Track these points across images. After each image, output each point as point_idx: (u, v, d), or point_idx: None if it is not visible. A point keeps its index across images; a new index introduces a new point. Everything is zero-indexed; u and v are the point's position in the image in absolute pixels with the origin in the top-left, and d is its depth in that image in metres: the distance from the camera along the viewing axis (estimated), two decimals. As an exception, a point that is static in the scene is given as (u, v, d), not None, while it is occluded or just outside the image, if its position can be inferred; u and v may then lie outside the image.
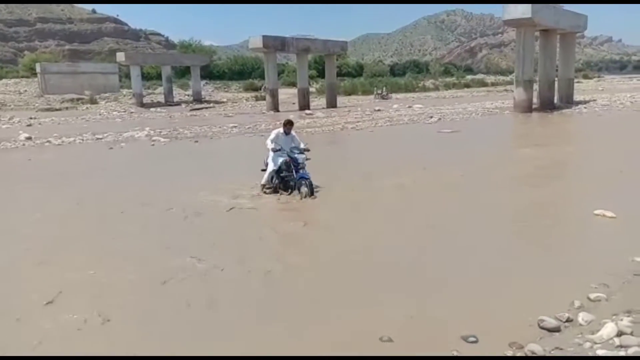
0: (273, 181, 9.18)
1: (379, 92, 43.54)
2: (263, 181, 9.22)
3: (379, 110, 30.01)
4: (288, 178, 9.07)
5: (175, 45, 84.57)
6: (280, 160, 9.05)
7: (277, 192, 9.12)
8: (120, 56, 41.93)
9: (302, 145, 9.22)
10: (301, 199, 8.65)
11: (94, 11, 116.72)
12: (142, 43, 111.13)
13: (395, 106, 32.57)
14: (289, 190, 9.00)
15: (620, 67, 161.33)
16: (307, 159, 8.99)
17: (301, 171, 8.84)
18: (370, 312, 4.36)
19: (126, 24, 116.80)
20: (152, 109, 36.04)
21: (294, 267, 5.57)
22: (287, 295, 4.88)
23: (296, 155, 8.91)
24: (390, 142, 17.35)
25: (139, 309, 4.59)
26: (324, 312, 4.45)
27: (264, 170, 9.36)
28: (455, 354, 3.64)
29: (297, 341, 3.95)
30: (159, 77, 49.77)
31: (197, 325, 4.24)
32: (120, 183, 10.74)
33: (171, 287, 5.02)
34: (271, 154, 9.15)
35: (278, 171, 9.11)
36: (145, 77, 53.49)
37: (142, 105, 38.87)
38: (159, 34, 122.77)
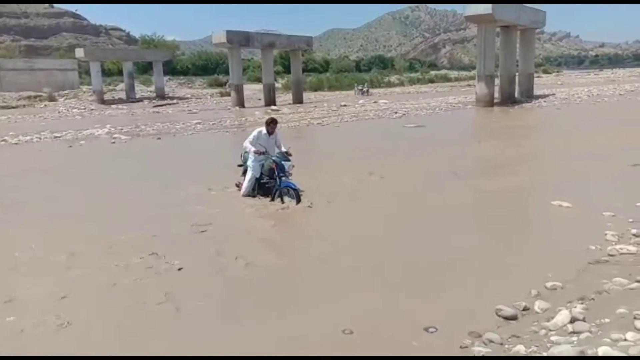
0: (254, 191, 8.31)
1: (360, 87, 43.68)
2: (243, 191, 8.31)
3: (344, 105, 30.11)
4: (269, 185, 8.19)
5: (136, 41, 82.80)
6: (265, 164, 8.17)
7: (255, 196, 8.28)
8: (80, 52, 40.74)
9: (283, 148, 8.31)
10: (284, 208, 7.73)
11: (51, 5, 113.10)
12: (102, 38, 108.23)
13: (360, 102, 32.73)
14: (270, 197, 8.08)
15: (578, 62, 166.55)
16: (292, 166, 8.12)
17: (284, 179, 7.93)
18: (331, 308, 4.36)
19: (85, 19, 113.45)
20: (113, 106, 35.22)
21: (261, 266, 5.52)
22: (250, 293, 4.84)
23: (282, 162, 7.99)
24: (355, 137, 17.42)
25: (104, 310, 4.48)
26: (285, 308, 4.43)
27: (241, 165, 8.65)
28: (414, 344, 3.67)
29: (256, 336, 3.92)
30: (120, 73, 48.74)
31: (159, 325, 4.16)
32: (74, 183, 10.46)
33: (128, 287, 4.91)
34: (252, 157, 8.23)
35: (259, 177, 8.29)
36: (106, 73, 52.30)
37: (103, 102, 37.93)
38: (119, 29, 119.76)
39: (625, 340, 3.09)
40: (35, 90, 39.38)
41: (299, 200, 7.79)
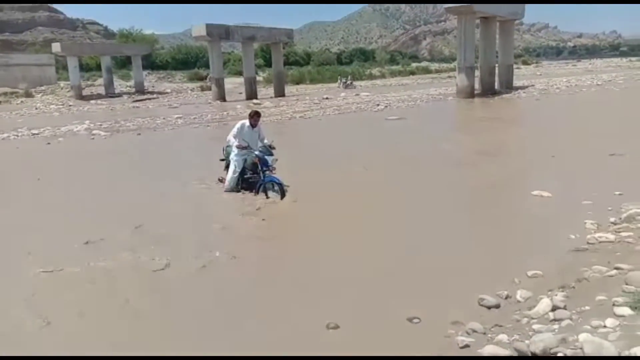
0: (238, 186, 8.20)
1: (344, 80, 43.64)
2: (226, 186, 8.20)
3: (327, 98, 30.07)
4: (253, 180, 8.10)
5: (114, 35, 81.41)
6: (248, 158, 8.09)
7: (239, 191, 8.20)
8: (56, 47, 39.93)
9: (266, 141, 8.22)
10: (271, 202, 7.65)
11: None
12: (79, 33, 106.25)
13: (342, 94, 32.71)
14: (254, 192, 7.99)
15: (557, 52, 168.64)
16: (276, 160, 8.02)
17: (268, 174, 7.88)
18: (315, 303, 4.37)
19: (62, 13, 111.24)
20: (92, 102, 34.64)
21: (245, 262, 5.50)
22: (235, 289, 4.82)
23: (265, 157, 7.89)
24: (337, 130, 17.42)
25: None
26: (270, 305, 4.43)
27: (224, 160, 8.53)
28: (400, 335, 3.70)
29: (243, 332, 3.91)
30: (98, 68, 47.87)
31: (140, 323, 4.13)
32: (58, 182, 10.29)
33: (109, 284, 4.86)
34: (234, 151, 8.09)
35: (242, 171, 8.19)
36: (84, 68, 51.38)
37: (82, 97, 37.28)
38: (97, 23, 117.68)
39: (605, 326, 3.14)
40: (11, 87, 38.50)
41: (283, 195, 7.71)
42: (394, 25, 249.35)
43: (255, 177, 8.06)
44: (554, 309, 3.67)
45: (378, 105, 24.44)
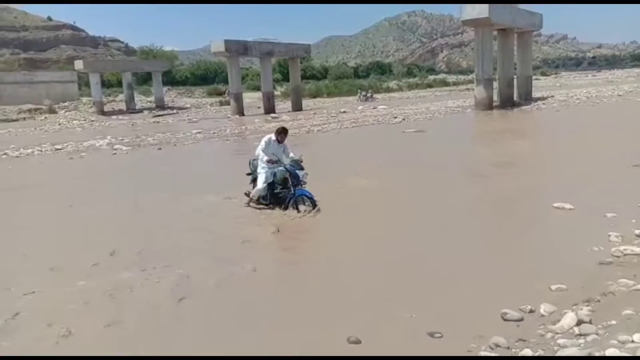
0: (266, 198, 8.04)
1: (364, 94, 43.86)
2: (253, 194, 8.09)
3: (344, 112, 30.17)
4: (282, 195, 7.90)
5: (135, 52, 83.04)
6: (277, 172, 7.85)
7: (268, 205, 8.01)
8: (79, 64, 40.93)
9: (292, 155, 8.05)
10: (301, 216, 7.49)
11: (49, 18, 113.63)
12: (101, 50, 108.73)
13: (360, 107, 32.78)
14: (284, 206, 7.79)
15: (576, 63, 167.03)
16: (306, 174, 7.89)
17: (299, 188, 7.73)
18: (337, 316, 4.35)
19: (84, 31, 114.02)
20: (113, 117, 35.32)
21: (269, 275, 5.52)
22: (257, 302, 4.83)
23: (296, 171, 7.73)
24: (356, 143, 17.44)
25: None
26: (292, 316, 4.42)
27: (250, 174, 8.40)
28: (422, 350, 3.66)
29: (260, 345, 3.91)
30: (119, 84, 48.82)
31: (166, 329, 4.15)
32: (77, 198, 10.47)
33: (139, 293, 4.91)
34: (262, 165, 7.98)
35: (271, 185, 7.94)
36: (106, 84, 52.45)
37: (103, 113, 38.03)
38: (118, 41, 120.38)
39: (633, 341, 3.08)
40: (35, 103, 39.42)
41: (315, 209, 7.59)
42: (410, 38, 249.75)
43: (284, 192, 7.87)
44: (579, 323, 3.61)
45: (395, 118, 24.43)
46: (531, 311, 4.11)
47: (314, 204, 7.61)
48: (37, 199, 10.25)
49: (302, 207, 7.66)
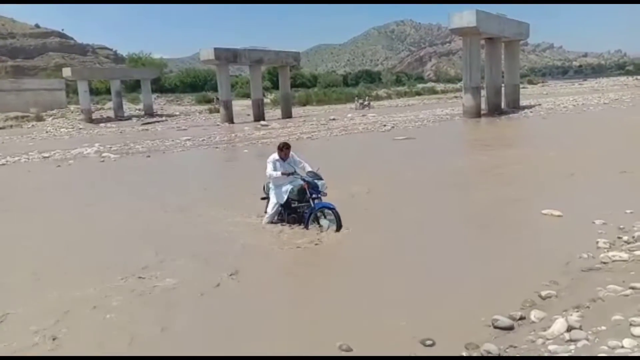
0: (281, 216, 7.37)
1: (361, 101, 44.05)
2: (266, 219, 7.42)
3: (333, 119, 30.24)
4: (301, 210, 7.16)
5: (124, 59, 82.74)
6: (293, 186, 7.21)
7: (286, 223, 7.29)
8: (67, 71, 40.66)
9: (308, 168, 7.36)
10: (322, 231, 6.83)
11: (37, 25, 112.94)
12: (89, 57, 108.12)
13: (349, 115, 32.89)
14: (302, 224, 7.07)
15: (563, 72, 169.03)
16: (326, 185, 7.19)
17: (318, 201, 7.06)
18: (327, 324, 4.34)
19: (72, 39, 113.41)
20: (101, 125, 35.09)
21: (255, 283, 5.49)
22: (248, 310, 4.80)
23: (315, 181, 7.05)
24: (345, 150, 17.47)
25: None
26: (282, 323, 4.40)
27: (264, 198, 7.70)
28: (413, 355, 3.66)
29: (251, 351, 3.88)
30: (108, 91, 48.59)
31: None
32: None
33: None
34: (272, 186, 7.38)
35: (286, 205, 7.28)
36: (94, 92, 52.08)
37: (91, 121, 37.78)
38: (107, 48, 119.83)
39: (622, 347, 3.10)
40: (22, 111, 39.06)
41: (339, 224, 6.83)
42: (399, 47, 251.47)
43: (303, 207, 7.13)
44: (570, 329, 3.62)
45: (385, 125, 24.53)
46: (522, 318, 4.12)
47: (338, 217, 6.85)
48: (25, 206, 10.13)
49: (323, 222, 6.95)
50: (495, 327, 4.01)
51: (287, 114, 35.78)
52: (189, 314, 4.69)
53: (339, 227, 6.81)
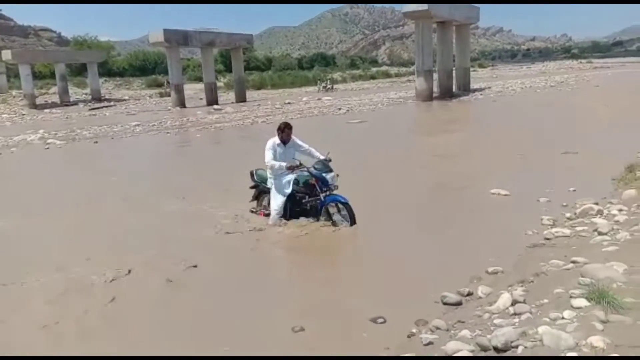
0: (286, 214, 6.56)
1: (324, 84, 43.68)
2: (273, 217, 6.52)
3: (289, 103, 30.07)
4: (309, 203, 6.50)
5: (68, 42, 79.09)
6: (299, 178, 6.49)
7: (290, 218, 6.58)
8: (7, 54, 38.58)
9: (317, 154, 6.63)
10: (335, 228, 6.19)
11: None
12: (31, 40, 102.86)
13: (304, 99, 32.75)
14: (312, 218, 6.45)
15: (511, 55, 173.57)
16: (337, 176, 6.46)
17: (329, 194, 6.33)
18: (280, 306, 4.34)
19: (12, 20, 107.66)
20: (46, 110, 33.61)
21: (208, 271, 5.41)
22: (202, 297, 4.74)
23: (323, 175, 6.30)
24: (301, 134, 17.37)
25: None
26: (235, 309, 4.36)
27: (253, 187, 7.13)
28: (364, 336, 3.71)
29: (211, 340, 3.84)
30: (52, 75, 46.46)
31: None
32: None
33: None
34: (272, 175, 6.58)
35: (290, 197, 6.55)
36: (37, 76, 49.71)
37: (35, 106, 36.11)
38: (50, 30, 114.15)
39: (563, 318, 3.21)
40: (-41, 96, 37.01)
41: (353, 219, 6.21)
42: (353, 30, 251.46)
43: (311, 200, 6.47)
44: (514, 303, 3.73)
45: (340, 109, 24.57)
46: (469, 294, 4.24)
47: (351, 213, 6.22)
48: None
49: (336, 217, 6.32)
50: (444, 304, 4.11)
51: (241, 98, 35.28)
52: (139, 306, 4.59)
53: (352, 223, 6.21)
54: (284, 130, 6.53)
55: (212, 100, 33.20)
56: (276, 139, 6.55)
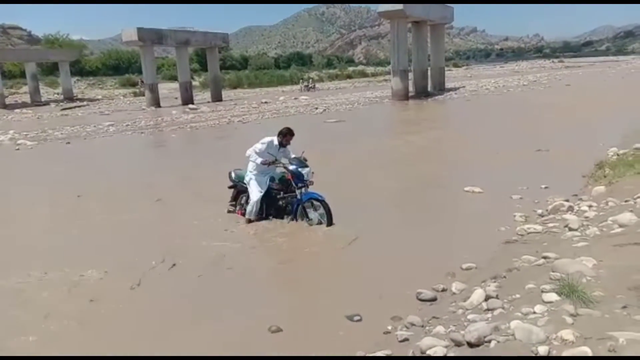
0: (262, 210, 6.60)
1: (306, 84, 43.54)
2: (249, 213, 6.55)
3: (265, 102, 29.94)
4: (285, 201, 6.55)
5: (39, 41, 77.40)
6: (274, 174, 6.65)
7: (266, 218, 6.62)
8: (-26, 53, 37.67)
9: (292, 155, 6.65)
10: (310, 227, 6.24)
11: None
12: (0, 38, 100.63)
13: (281, 98, 32.67)
14: (290, 218, 6.46)
15: (485, 55, 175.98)
16: (312, 173, 6.45)
17: (305, 190, 6.34)
18: (256, 306, 4.33)
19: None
20: (16, 110, 32.79)
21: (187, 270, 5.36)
22: (180, 297, 4.69)
23: (299, 170, 6.33)
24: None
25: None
26: (211, 311, 4.34)
27: (232, 187, 7.11)
28: (341, 334, 3.72)
29: (187, 341, 3.80)
30: (22, 75, 45.45)
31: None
32: None
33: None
34: (251, 171, 6.63)
35: (267, 194, 6.60)
36: (7, 75, 48.56)
37: (5, 106, 35.26)
38: (19, 28, 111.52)
39: (534, 313, 3.28)
40: None
41: (330, 218, 6.16)
42: (329, 29, 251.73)
43: (287, 197, 6.50)
44: (487, 298, 3.79)
45: (317, 108, 24.58)
46: (443, 290, 4.30)
47: (328, 210, 6.19)
48: None
49: (312, 215, 6.32)
50: (420, 300, 4.16)
51: (217, 97, 35.03)
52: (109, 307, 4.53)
53: (329, 222, 6.16)
54: (286, 136, 6.69)
55: (188, 100, 32.86)
56: (276, 140, 6.68)
